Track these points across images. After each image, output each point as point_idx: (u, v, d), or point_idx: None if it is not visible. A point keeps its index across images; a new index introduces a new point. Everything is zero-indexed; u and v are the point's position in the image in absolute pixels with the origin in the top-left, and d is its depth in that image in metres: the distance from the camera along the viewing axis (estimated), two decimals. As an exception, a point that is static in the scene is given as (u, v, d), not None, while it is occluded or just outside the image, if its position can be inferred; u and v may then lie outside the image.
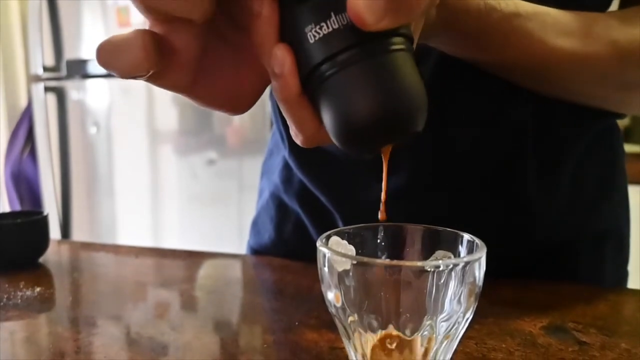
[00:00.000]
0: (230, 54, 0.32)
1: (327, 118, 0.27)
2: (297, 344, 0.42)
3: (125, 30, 0.28)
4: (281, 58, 0.27)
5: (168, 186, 1.95)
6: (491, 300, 0.48)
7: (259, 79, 0.32)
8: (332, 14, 0.26)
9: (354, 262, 0.29)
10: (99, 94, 1.98)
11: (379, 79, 0.26)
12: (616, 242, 0.62)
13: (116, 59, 0.27)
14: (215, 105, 0.32)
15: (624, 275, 0.65)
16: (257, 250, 0.72)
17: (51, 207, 2.03)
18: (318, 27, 0.26)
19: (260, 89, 0.33)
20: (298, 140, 0.31)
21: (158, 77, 0.29)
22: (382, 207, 0.34)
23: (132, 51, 0.26)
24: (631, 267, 0.65)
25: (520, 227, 0.56)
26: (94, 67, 1.94)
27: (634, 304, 0.52)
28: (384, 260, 0.34)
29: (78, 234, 2.08)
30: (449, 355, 0.32)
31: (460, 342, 0.32)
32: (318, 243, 0.32)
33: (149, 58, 0.27)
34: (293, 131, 0.30)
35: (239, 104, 0.33)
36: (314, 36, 0.26)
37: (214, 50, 0.31)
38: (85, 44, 1.95)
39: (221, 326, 0.47)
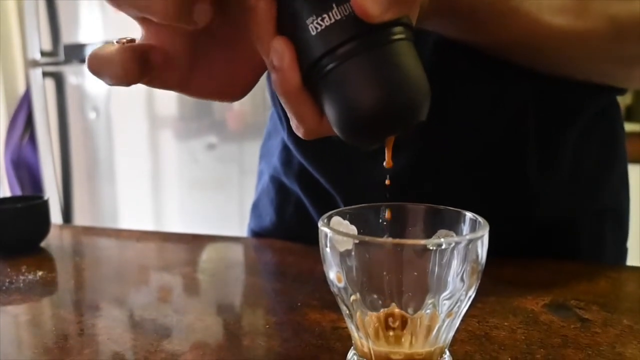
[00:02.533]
0: (220, 49, 0.32)
1: (331, 111, 0.27)
2: (299, 325, 0.42)
3: (121, 16, 0.28)
4: (280, 51, 0.27)
5: (169, 171, 1.95)
6: (493, 279, 0.48)
7: (252, 69, 0.32)
8: (334, 5, 0.25)
9: (356, 241, 0.29)
10: (97, 79, 1.96)
11: (384, 70, 0.26)
12: (616, 220, 0.63)
13: (101, 71, 0.29)
14: (209, 97, 0.33)
15: (623, 252, 0.65)
16: (258, 233, 0.72)
17: (52, 192, 2.04)
18: (320, 18, 0.25)
19: (254, 77, 0.33)
20: (299, 132, 0.30)
21: (150, 82, 0.30)
22: (387, 213, 0.34)
23: (113, 67, 0.28)
24: (630, 244, 0.65)
25: (520, 206, 0.56)
26: (92, 52, 1.92)
27: (634, 281, 0.52)
28: (386, 239, 0.34)
29: (80, 218, 2.09)
30: (452, 333, 0.32)
31: (462, 320, 0.32)
32: (320, 223, 0.32)
33: (128, 74, 0.28)
34: (294, 124, 0.30)
35: (233, 93, 0.33)
36: (316, 28, 0.25)
37: (204, 47, 0.31)
38: (83, 28, 1.93)
39: (224, 308, 0.47)
